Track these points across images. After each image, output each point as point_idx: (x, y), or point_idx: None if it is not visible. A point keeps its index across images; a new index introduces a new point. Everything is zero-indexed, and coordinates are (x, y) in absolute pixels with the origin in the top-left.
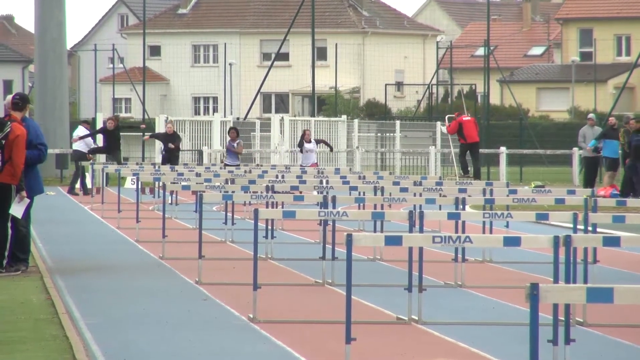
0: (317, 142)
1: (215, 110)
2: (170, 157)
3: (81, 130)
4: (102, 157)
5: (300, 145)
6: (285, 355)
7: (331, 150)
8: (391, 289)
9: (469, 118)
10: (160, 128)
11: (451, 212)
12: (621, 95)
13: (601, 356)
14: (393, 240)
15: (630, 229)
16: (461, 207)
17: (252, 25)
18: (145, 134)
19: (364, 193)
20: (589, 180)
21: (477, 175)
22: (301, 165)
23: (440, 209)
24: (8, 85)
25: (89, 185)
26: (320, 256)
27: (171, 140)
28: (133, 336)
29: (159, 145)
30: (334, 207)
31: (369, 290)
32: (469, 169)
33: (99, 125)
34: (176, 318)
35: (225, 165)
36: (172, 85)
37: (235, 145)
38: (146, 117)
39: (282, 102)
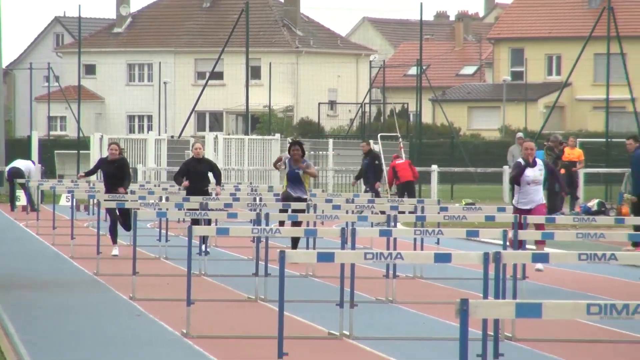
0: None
1: (150, 128)
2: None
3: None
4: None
5: (519, 176)
6: None
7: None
8: (323, 305)
9: (402, 161)
10: (94, 147)
11: (383, 229)
12: (551, 114)
13: None
14: (325, 257)
15: (558, 245)
16: (393, 224)
17: (186, 44)
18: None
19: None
20: None
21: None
22: (517, 208)
23: (372, 226)
24: None
25: (24, 203)
26: (254, 272)
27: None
28: (68, 352)
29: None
30: (267, 225)
31: (301, 306)
32: None
33: (34, 142)
34: (110, 333)
35: (285, 197)
36: (107, 104)
37: (300, 171)
38: (81, 135)
39: (216, 121)
